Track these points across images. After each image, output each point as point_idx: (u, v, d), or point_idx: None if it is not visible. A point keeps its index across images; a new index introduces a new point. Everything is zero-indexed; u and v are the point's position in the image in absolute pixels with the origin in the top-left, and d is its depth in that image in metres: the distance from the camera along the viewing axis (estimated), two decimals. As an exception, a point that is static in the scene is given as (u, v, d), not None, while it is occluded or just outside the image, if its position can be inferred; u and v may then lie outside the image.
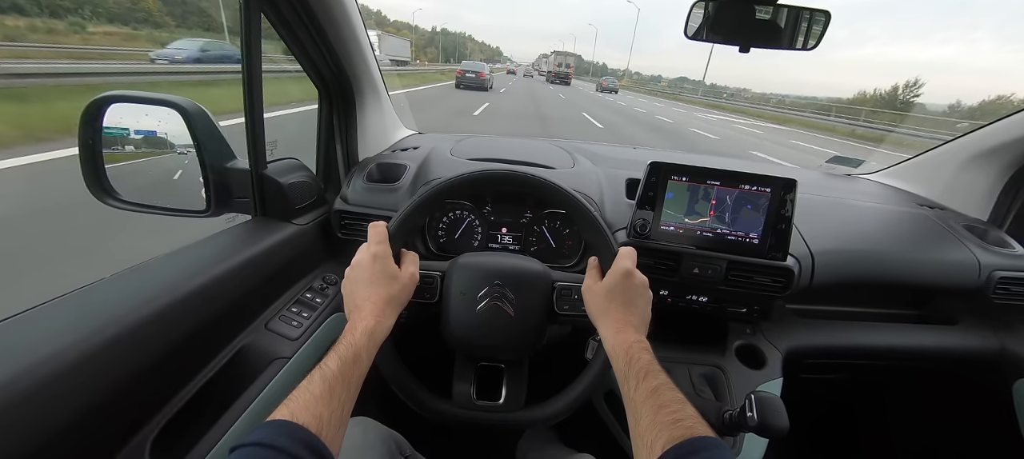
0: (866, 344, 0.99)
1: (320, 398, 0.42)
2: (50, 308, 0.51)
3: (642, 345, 0.53)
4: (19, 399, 0.40)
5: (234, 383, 0.66)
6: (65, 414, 0.43)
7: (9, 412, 0.39)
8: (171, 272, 0.61)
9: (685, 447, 0.38)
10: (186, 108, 0.73)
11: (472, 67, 18.63)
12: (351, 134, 1.06)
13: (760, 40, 0.85)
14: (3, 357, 0.41)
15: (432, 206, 0.68)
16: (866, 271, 0.95)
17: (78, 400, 0.45)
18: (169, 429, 0.55)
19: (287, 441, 0.36)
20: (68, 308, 0.51)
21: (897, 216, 1.13)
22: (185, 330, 0.58)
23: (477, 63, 19.98)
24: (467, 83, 18.08)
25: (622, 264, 0.60)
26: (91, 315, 0.50)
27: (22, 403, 0.40)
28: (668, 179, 0.84)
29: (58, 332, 0.46)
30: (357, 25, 0.89)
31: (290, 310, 0.79)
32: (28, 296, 0.52)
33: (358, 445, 0.65)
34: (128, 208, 0.75)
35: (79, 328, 0.47)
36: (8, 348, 0.43)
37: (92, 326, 0.48)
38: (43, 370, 0.42)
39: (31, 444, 0.40)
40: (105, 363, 0.47)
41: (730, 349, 0.92)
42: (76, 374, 0.44)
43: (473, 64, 19.46)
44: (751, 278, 0.85)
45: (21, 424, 0.40)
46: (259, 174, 0.79)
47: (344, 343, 0.50)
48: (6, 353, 0.42)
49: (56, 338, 0.45)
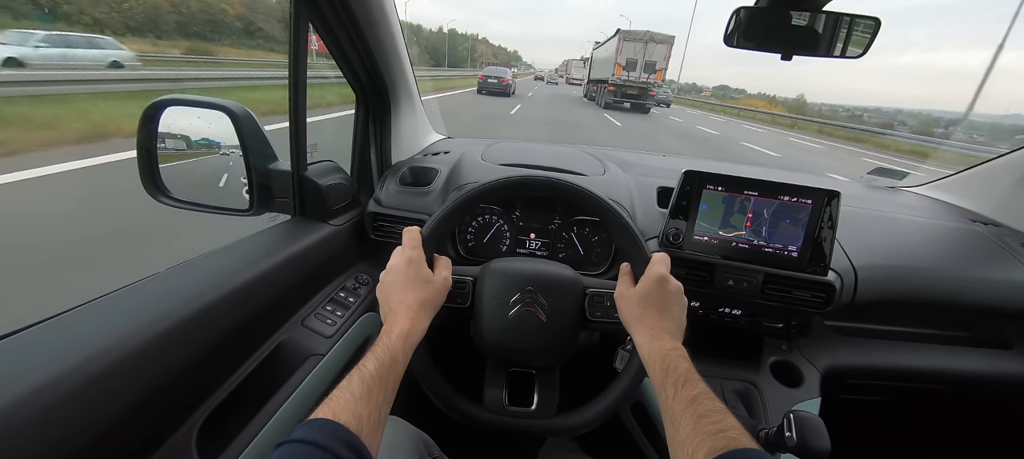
0: (911, 366, 0.94)
1: (359, 399, 0.43)
2: (114, 299, 0.54)
3: (679, 353, 0.52)
4: (71, 394, 0.42)
5: (273, 377, 0.68)
6: (118, 405, 0.46)
7: (59, 406, 0.41)
8: (220, 267, 0.64)
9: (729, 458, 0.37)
10: (235, 111, 0.76)
11: (494, 73, 19.91)
12: (385, 138, 1.08)
13: (799, 47, 0.83)
14: (53, 354, 0.44)
15: (467, 210, 0.69)
16: (913, 289, 0.90)
17: (139, 385, 0.47)
18: (214, 418, 0.58)
19: (329, 439, 0.37)
20: (130, 300, 0.55)
21: (947, 232, 1.07)
22: (231, 324, 0.61)
23: (500, 69, 21.47)
24: (490, 88, 19.01)
25: (656, 269, 0.59)
26: (149, 306, 0.53)
27: (74, 397, 0.42)
28: (703, 188, 0.82)
29: (121, 322, 0.49)
30: (396, 31, 0.92)
31: (325, 308, 0.82)
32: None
33: (390, 443, 0.66)
34: (179, 206, 0.79)
35: (131, 322, 0.50)
36: (78, 336, 0.46)
37: (150, 317, 0.51)
38: (95, 363, 0.44)
39: (86, 434, 0.43)
40: (162, 352, 0.50)
41: (764, 365, 0.89)
42: (137, 361, 0.47)
43: (496, 70, 20.89)
44: (789, 292, 0.82)
45: (75, 415, 0.42)
46: (300, 176, 0.82)
47: (381, 345, 0.51)
48: (56, 350, 0.45)
49: (120, 328, 0.48)
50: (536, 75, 70.21)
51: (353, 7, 0.79)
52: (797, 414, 0.57)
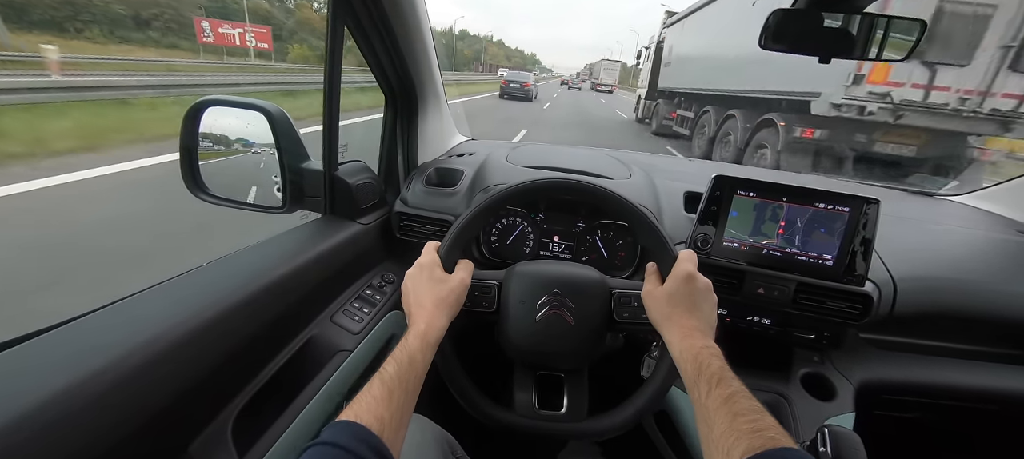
0: (955, 383, 0.90)
1: (380, 401, 0.44)
2: (165, 289, 0.57)
3: (711, 351, 0.51)
4: (123, 379, 0.44)
5: (302, 371, 0.70)
6: (174, 386, 0.48)
7: (113, 390, 0.43)
8: (259, 261, 0.67)
9: (769, 457, 0.36)
10: (271, 112, 0.79)
11: (516, 77, 19.34)
12: (412, 139, 1.10)
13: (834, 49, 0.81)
14: (107, 340, 0.46)
15: (493, 212, 0.69)
16: (957, 303, 0.86)
17: (185, 374, 0.49)
18: (248, 408, 0.59)
19: (352, 441, 0.39)
20: (179, 290, 0.57)
21: (993, 243, 1.02)
22: (269, 316, 0.63)
23: (521, 73, 20.63)
24: (512, 93, 18.65)
25: (683, 267, 0.58)
26: (196, 298, 0.55)
27: (126, 382, 0.44)
28: (734, 194, 0.80)
29: (172, 312, 0.51)
30: (427, 35, 0.93)
31: (352, 305, 0.83)
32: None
33: (416, 441, 0.67)
34: (217, 203, 0.82)
35: (187, 308, 0.52)
36: (132, 323, 0.49)
37: (197, 307, 0.53)
38: (148, 350, 0.46)
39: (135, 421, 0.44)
40: (207, 342, 0.52)
41: (795, 377, 0.86)
42: (185, 350, 0.49)
43: (517, 74, 20.21)
44: (823, 303, 0.79)
45: (122, 402, 0.44)
46: (331, 175, 0.84)
47: (400, 348, 0.52)
48: (109, 336, 0.46)
49: (171, 317, 0.50)
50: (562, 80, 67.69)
51: (387, 10, 0.80)
52: (832, 429, 0.56)
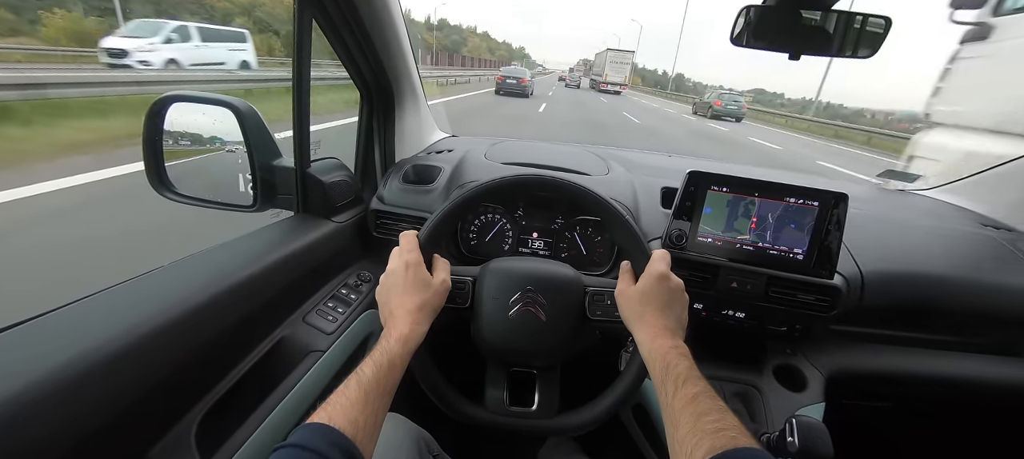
0: (918, 371, 0.92)
1: (356, 404, 0.43)
2: (119, 292, 0.55)
3: (679, 351, 0.51)
4: (77, 382, 0.42)
5: (273, 373, 0.68)
6: (129, 391, 0.46)
7: (66, 393, 0.41)
8: (222, 263, 0.65)
9: (729, 457, 0.37)
10: (239, 108, 0.77)
11: (513, 73, 19.18)
12: (389, 135, 1.08)
13: (810, 47, 0.82)
14: (61, 342, 0.44)
15: (466, 210, 0.68)
16: (921, 294, 0.89)
17: (141, 379, 0.48)
18: (213, 414, 0.58)
19: (323, 445, 0.38)
20: (134, 293, 0.55)
21: (957, 236, 1.06)
22: (233, 319, 0.61)
23: (518, 69, 20.43)
24: (508, 89, 18.46)
25: (656, 267, 0.58)
26: (152, 300, 0.53)
27: (80, 386, 0.42)
28: (707, 189, 0.81)
29: (117, 319, 0.49)
30: (401, 28, 0.92)
31: (326, 305, 0.82)
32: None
33: (390, 441, 0.66)
34: (184, 202, 0.79)
35: (137, 314, 0.50)
36: (67, 333, 0.46)
37: (153, 310, 0.51)
38: (101, 353, 0.45)
39: (92, 424, 0.43)
40: (164, 346, 0.51)
41: (767, 368, 0.88)
42: (132, 358, 0.47)
43: (514, 70, 20.04)
44: (794, 295, 0.81)
45: (77, 406, 0.42)
46: (303, 172, 0.82)
47: (379, 350, 0.51)
48: (64, 338, 0.45)
49: (124, 321, 0.48)
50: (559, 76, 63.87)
51: (356, 3, 0.79)
52: (800, 419, 0.57)
